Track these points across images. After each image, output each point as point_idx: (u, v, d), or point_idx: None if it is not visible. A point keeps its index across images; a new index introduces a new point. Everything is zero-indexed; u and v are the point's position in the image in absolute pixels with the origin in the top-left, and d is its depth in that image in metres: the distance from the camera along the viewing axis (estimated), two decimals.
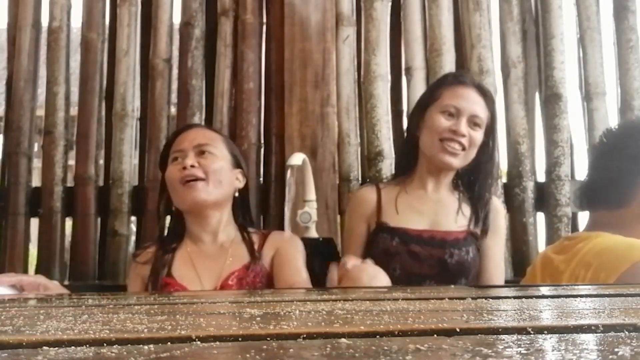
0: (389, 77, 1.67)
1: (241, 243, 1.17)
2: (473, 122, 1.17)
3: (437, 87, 1.24)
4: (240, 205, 1.22)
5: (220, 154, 1.17)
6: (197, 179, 1.12)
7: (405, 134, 1.28)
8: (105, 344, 0.34)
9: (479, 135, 1.18)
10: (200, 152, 1.15)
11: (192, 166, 1.13)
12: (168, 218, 1.26)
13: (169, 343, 0.34)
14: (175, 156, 1.17)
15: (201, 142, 1.16)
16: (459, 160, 1.17)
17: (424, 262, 1.14)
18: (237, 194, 1.20)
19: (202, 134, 1.20)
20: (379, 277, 0.95)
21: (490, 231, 1.21)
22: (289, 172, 1.26)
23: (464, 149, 1.16)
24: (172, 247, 1.17)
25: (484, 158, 1.21)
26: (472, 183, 1.23)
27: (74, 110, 1.76)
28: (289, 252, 1.16)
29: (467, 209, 1.21)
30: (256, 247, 1.17)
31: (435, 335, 0.35)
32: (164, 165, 1.20)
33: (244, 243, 1.16)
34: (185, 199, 1.14)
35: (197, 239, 1.18)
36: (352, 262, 0.98)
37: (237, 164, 1.20)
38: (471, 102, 1.18)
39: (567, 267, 1.01)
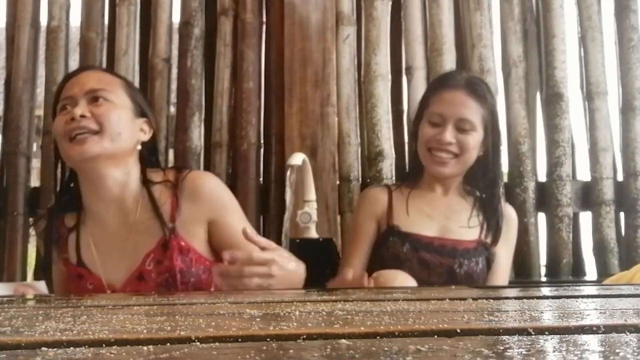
0: (390, 76, 1.67)
1: (149, 206, 0.97)
2: (461, 127, 1.11)
3: (425, 94, 1.23)
4: (146, 160, 1.01)
5: (118, 101, 0.97)
6: (88, 132, 0.92)
7: (408, 144, 1.27)
8: (104, 345, 0.34)
9: (471, 139, 1.12)
10: (94, 99, 0.95)
11: (83, 116, 0.92)
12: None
13: (168, 344, 0.34)
14: (63, 104, 0.96)
15: (94, 86, 0.96)
16: (450, 169, 1.13)
17: (433, 271, 1.12)
18: (139, 147, 0.99)
19: (95, 77, 0.99)
20: (405, 281, 0.95)
21: (502, 241, 1.17)
22: (288, 172, 1.26)
23: (456, 156, 1.12)
24: (72, 225, 0.99)
25: (488, 159, 1.17)
26: (479, 186, 1.20)
27: None
28: (227, 219, 0.96)
29: (479, 216, 1.17)
30: (168, 208, 0.96)
31: (435, 336, 0.35)
32: (53, 114, 1.00)
33: (151, 207, 0.96)
34: (72, 155, 0.93)
35: (96, 212, 0.98)
36: (350, 275, 0.95)
37: (141, 113, 1.00)
38: (457, 106, 1.12)
39: None
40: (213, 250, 0.99)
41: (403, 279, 0.99)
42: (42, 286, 1.42)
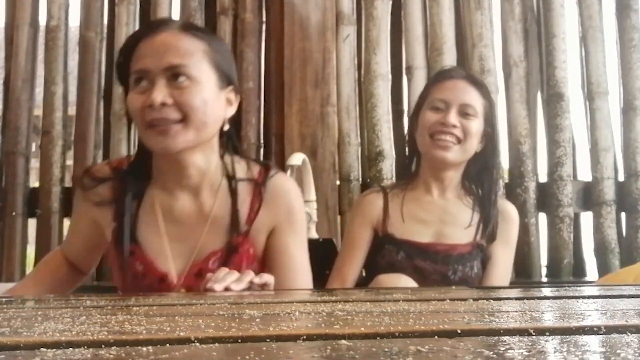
0: (390, 76, 1.67)
1: (228, 202, 0.86)
2: (465, 112, 1.11)
3: (426, 86, 1.22)
4: (227, 143, 0.89)
5: (202, 77, 0.81)
6: (170, 121, 0.79)
7: (407, 139, 1.25)
8: (103, 346, 0.34)
9: (474, 124, 1.11)
10: (174, 76, 0.80)
11: (164, 104, 0.78)
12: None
13: (167, 344, 0.34)
14: (137, 77, 0.82)
15: (173, 61, 0.80)
16: (453, 154, 1.10)
17: (428, 278, 1.11)
18: (227, 126, 0.86)
19: (175, 46, 0.81)
20: (407, 284, 0.93)
21: (500, 240, 1.14)
22: (288, 172, 1.26)
23: (459, 141, 1.11)
24: (137, 192, 0.86)
25: (487, 150, 1.15)
26: (478, 181, 1.17)
27: (72, 110, 1.75)
28: (287, 239, 0.86)
29: (476, 216, 1.14)
30: (245, 209, 0.86)
31: (436, 337, 0.35)
32: (125, 78, 0.85)
33: (232, 208, 0.85)
34: (153, 147, 0.83)
35: (169, 191, 0.87)
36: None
37: (227, 81, 0.85)
38: (460, 91, 1.12)
39: None
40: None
41: (404, 282, 0.98)
42: None
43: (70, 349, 0.33)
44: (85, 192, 0.88)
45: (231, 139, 0.90)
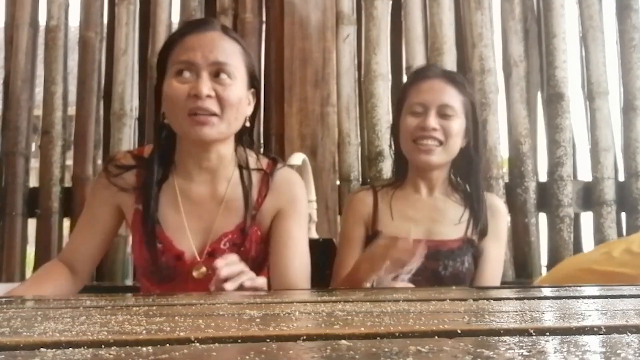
0: (390, 76, 1.67)
1: (239, 188, 0.95)
2: (444, 113, 1.11)
3: (402, 89, 1.21)
4: (241, 137, 0.98)
5: (239, 76, 0.91)
6: (209, 113, 0.88)
7: (392, 144, 1.25)
8: (103, 346, 0.34)
9: (454, 124, 1.11)
10: (217, 72, 0.89)
11: (208, 96, 0.87)
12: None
13: (167, 345, 0.34)
14: (181, 68, 0.89)
15: (219, 59, 0.89)
16: (437, 157, 1.11)
17: (418, 274, 1.11)
18: (248, 123, 0.96)
19: (222, 44, 0.91)
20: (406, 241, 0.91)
21: (490, 234, 1.15)
22: None
23: (440, 143, 1.11)
24: (159, 177, 0.94)
25: (471, 145, 1.15)
26: (465, 177, 1.17)
27: (71, 110, 1.75)
28: (289, 222, 0.95)
29: (466, 212, 1.15)
30: (255, 194, 0.95)
31: (436, 337, 0.35)
32: (163, 69, 0.93)
33: (243, 191, 0.94)
34: (190, 134, 0.90)
35: (188, 175, 0.95)
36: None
37: (251, 83, 0.95)
38: (436, 92, 1.12)
39: None
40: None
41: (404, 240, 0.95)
42: None
43: (70, 349, 0.33)
44: (111, 179, 0.95)
45: (247, 135, 0.99)
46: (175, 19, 1.74)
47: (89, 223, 0.99)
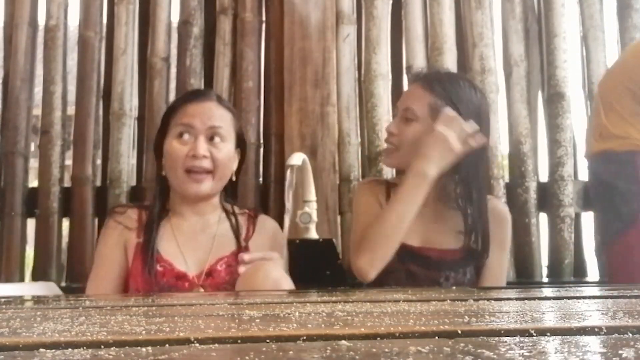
0: (390, 76, 1.66)
1: (227, 226, 1.11)
2: (405, 117, 1.13)
3: (397, 99, 1.26)
4: (228, 185, 1.14)
5: (229, 138, 1.09)
6: (204, 171, 1.05)
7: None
8: (102, 346, 0.34)
9: (411, 128, 1.11)
10: (212, 136, 1.07)
11: (204, 156, 1.05)
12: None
13: (167, 345, 0.34)
14: (182, 131, 1.07)
15: (215, 124, 1.07)
16: (394, 160, 1.16)
17: (420, 283, 1.10)
18: (234, 177, 1.13)
19: (217, 112, 1.09)
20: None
21: (494, 242, 1.11)
22: (288, 172, 1.25)
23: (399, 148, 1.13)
24: (158, 217, 1.10)
25: (473, 152, 1.11)
26: (465, 184, 1.12)
27: (71, 110, 1.75)
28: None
29: (467, 219, 1.11)
30: (243, 232, 1.12)
31: (436, 337, 0.35)
32: (164, 130, 1.10)
33: (231, 228, 1.11)
34: (186, 189, 1.07)
35: (182, 216, 1.11)
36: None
37: (237, 143, 1.13)
38: (411, 97, 1.15)
39: None
40: None
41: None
42: (52, 287, 1.42)
43: (70, 349, 0.33)
44: (117, 218, 1.11)
45: (231, 188, 1.17)
46: (175, 19, 1.73)
47: (104, 265, 1.10)
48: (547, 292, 0.73)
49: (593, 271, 1.63)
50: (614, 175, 1.28)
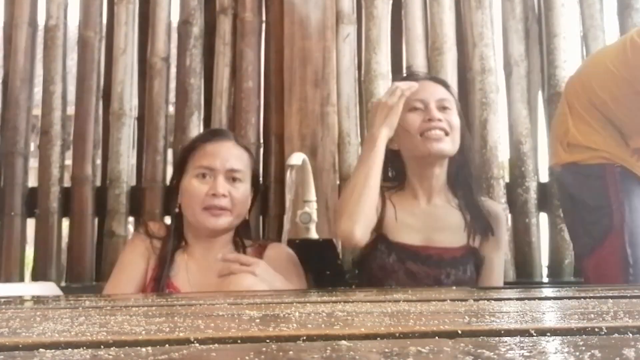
0: (390, 76, 1.66)
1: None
2: (442, 106, 1.16)
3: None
4: (242, 223, 1.18)
5: (246, 179, 1.14)
6: (222, 209, 1.10)
7: (389, 156, 1.24)
8: (102, 346, 0.34)
9: (454, 117, 1.17)
10: (231, 178, 1.12)
11: (224, 195, 1.09)
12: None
13: (167, 345, 0.34)
14: (202, 172, 1.12)
15: (234, 167, 1.12)
16: (447, 145, 1.15)
17: (420, 281, 1.11)
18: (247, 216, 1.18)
19: (236, 154, 1.14)
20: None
21: (490, 241, 1.15)
22: (288, 172, 1.25)
23: (447, 133, 1.15)
24: (173, 250, 1.14)
25: (463, 153, 1.18)
26: (460, 183, 1.19)
27: (70, 110, 1.75)
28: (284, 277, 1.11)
29: (466, 217, 1.15)
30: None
31: (436, 337, 0.35)
32: (182, 168, 1.15)
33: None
34: (205, 226, 1.11)
35: (193, 251, 1.15)
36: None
37: (252, 183, 1.18)
38: (432, 88, 1.19)
39: None
40: None
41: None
42: (52, 287, 1.42)
43: (69, 349, 0.33)
44: (149, 229, 1.16)
45: (245, 225, 1.20)
46: (175, 19, 1.73)
47: (126, 271, 1.13)
48: (547, 292, 0.73)
49: None
50: (583, 189, 1.23)
